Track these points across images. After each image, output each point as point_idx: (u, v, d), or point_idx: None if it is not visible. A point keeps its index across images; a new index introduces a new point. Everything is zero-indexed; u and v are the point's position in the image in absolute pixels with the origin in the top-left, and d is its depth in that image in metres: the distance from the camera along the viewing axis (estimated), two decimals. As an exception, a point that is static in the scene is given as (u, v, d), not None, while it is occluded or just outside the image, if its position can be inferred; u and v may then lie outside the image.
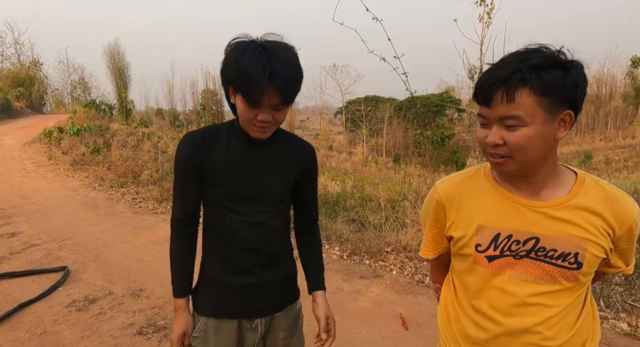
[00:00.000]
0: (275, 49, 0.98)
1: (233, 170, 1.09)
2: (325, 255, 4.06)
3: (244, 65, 0.95)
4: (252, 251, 1.12)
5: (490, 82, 0.78)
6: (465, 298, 0.98)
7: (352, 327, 2.66)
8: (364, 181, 11.23)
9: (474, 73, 6.05)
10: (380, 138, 35.68)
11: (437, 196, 0.99)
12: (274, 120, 1.03)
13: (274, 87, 0.96)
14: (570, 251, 0.83)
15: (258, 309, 1.16)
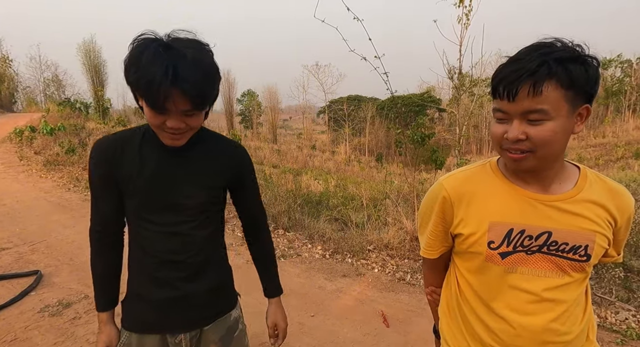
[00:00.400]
0: (181, 48, 0.86)
1: (147, 180, 1.00)
2: (307, 254, 4.06)
3: (143, 67, 0.84)
4: (173, 263, 1.05)
5: (516, 76, 0.75)
6: (476, 300, 0.94)
7: (334, 325, 2.67)
8: (347, 180, 11.29)
9: (453, 73, 6.17)
10: (362, 137, 35.94)
11: (445, 192, 0.94)
12: (186, 127, 0.94)
13: (179, 91, 0.85)
14: (581, 244, 0.84)
15: (182, 324, 1.10)
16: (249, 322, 2.67)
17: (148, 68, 0.84)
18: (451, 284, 1.03)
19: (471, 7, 5.50)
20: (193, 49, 0.88)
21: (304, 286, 3.30)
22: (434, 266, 1.09)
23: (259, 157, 18.45)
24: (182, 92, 0.86)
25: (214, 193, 1.09)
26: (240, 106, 45.98)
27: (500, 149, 0.84)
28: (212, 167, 1.07)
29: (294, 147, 28.05)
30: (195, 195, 1.04)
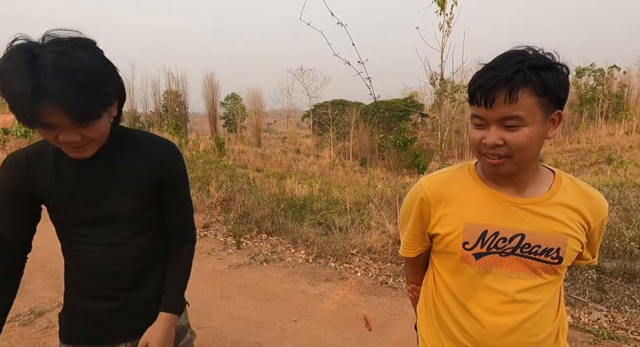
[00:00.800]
0: (50, 56, 0.74)
1: (67, 193, 0.94)
2: (290, 258, 4.04)
3: (8, 81, 0.74)
4: (110, 274, 0.99)
5: (493, 83, 0.77)
6: (451, 299, 0.96)
7: (317, 330, 2.66)
8: (331, 184, 11.32)
9: (435, 79, 6.29)
10: (347, 142, 36.15)
11: (423, 193, 0.96)
12: (84, 139, 0.84)
13: (49, 106, 0.74)
14: (553, 247, 0.86)
15: (123, 334, 1.05)
16: (231, 329, 2.64)
17: (11, 83, 0.74)
18: (429, 283, 1.05)
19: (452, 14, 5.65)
20: (66, 54, 0.75)
21: (286, 290, 3.27)
22: (415, 264, 1.12)
23: (243, 160, 18.31)
24: (54, 107, 0.75)
25: (145, 197, 1.00)
26: (223, 109, 45.59)
27: (478, 154, 0.86)
28: (138, 170, 0.99)
29: (278, 151, 27.97)
30: (125, 202, 0.97)
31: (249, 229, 4.87)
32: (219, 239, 4.62)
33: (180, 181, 1.08)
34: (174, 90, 36.18)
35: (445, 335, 0.98)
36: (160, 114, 35.98)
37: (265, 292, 3.24)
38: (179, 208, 1.10)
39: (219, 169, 8.83)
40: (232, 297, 3.15)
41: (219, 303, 3.03)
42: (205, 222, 5.15)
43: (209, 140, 21.46)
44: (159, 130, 24.08)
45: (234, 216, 5.28)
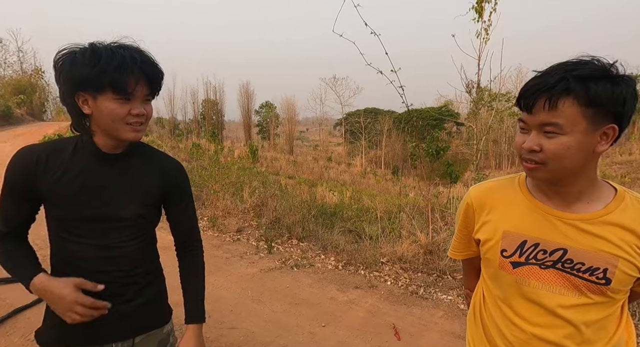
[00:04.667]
0: (127, 45, 0.94)
1: (75, 191, 0.97)
2: (320, 265, 4.07)
3: (106, 58, 0.89)
4: (102, 277, 1.01)
5: (534, 89, 0.78)
6: (494, 306, 0.98)
7: (346, 337, 2.67)
8: (362, 192, 11.27)
9: (471, 87, 6.16)
10: (379, 150, 35.90)
11: (469, 199, 1.02)
12: (144, 116, 0.98)
13: (144, 76, 0.93)
14: (599, 266, 0.82)
15: (111, 335, 1.05)
16: (261, 330, 2.70)
17: (113, 57, 0.89)
18: (478, 292, 1.07)
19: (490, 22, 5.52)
20: (143, 52, 0.96)
21: (316, 296, 3.31)
22: (466, 267, 1.21)
23: (275, 167, 18.64)
24: (146, 78, 0.95)
25: (150, 204, 1.06)
26: (258, 117, 46.72)
27: (520, 159, 0.87)
28: (148, 178, 1.06)
29: (310, 159, 28.23)
30: (129, 207, 1.02)
31: (280, 234, 4.96)
32: (251, 243, 4.74)
33: (189, 196, 1.18)
34: (212, 98, 37.56)
35: (490, 342, 0.98)
36: (198, 121, 37.42)
37: (295, 296, 3.29)
38: (189, 220, 1.19)
39: (252, 176, 9.05)
40: (263, 300, 3.23)
41: (250, 305, 3.11)
42: (238, 226, 5.30)
43: (244, 147, 22.06)
44: (196, 137, 25.00)
45: (266, 221, 5.40)
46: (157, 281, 1.15)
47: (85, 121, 0.98)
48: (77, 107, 0.94)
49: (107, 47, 0.92)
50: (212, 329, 2.72)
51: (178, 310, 1.21)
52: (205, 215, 5.80)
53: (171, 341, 1.19)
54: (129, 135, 0.97)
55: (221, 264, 4.02)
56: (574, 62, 0.79)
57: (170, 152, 12.26)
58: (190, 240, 1.20)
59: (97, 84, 0.90)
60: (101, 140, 1.00)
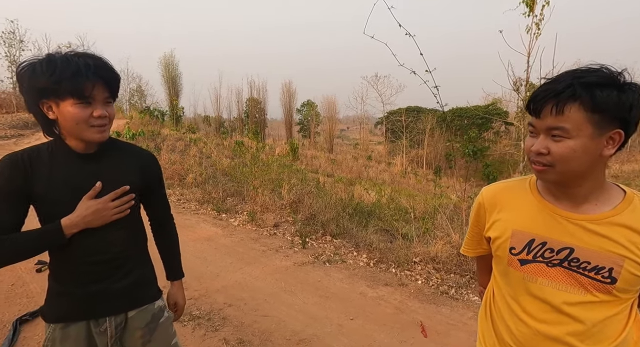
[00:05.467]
0: (84, 52, 1.03)
1: (61, 190, 1.06)
2: (352, 261, 4.17)
3: (62, 66, 0.97)
4: (95, 262, 1.12)
5: (543, 95, 0.84)
6: (502, 301, 1.02)
7: (372, 330, 2.75)
8: (401, 192, 11.16)
9: (519, 85, 5.90)
10: (421, 149, 35.05)
11: (481, 199, 1.07)
12: (108, 116, 1.06)
13: (100, 81, 1.02)
14: (605, 265, 0.85)
15: (106, 310, 1.16)
16: (292, 320, 2.85)
17: (69, 65, 0.97)
18: (489, 289, 1.13)
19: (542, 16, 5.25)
20: (100, 58, 1.05)
21: (345, 290, 3.41)
22: (479, 264, 1.29)
23: (315, 165, 18.88)
24: (103, 82, 1.03)
25: (130, 194, 1.15)
26: (299, 116, 47.37)
27: (529, 161, 0.91)
28: (125, 169, 1.17)
29: (350, 157, 28.21)
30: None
31: (314, 230, 5.11)
32: (287, 238, 4.93)
33: (162, 184, 1.36)
34: (255, 97, 38.66)
35: (498, 337, 1.04)
36: (242, 120, 38.68)
37: (326, 290, 3.41)
38: (163, 203, 1.39)
39: (292, 173, 9.31)
40: (295, 291, 3.38)
41: (283, 296, 3.28)
42: (275, 221, 5.52)
43: (284, 145, 22.54)
44: (240, 135, 25.90)
45: (301, 217, 5.57)
46: (144, 262, 1.28)
47: (55, 127, 1.07)
48: (43, 114, 1.03)
49: (63, 56, 1.00)
50: (247, 315, 2.91)
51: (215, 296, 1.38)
52: (245, 209, 6.09)
53: (166, 315, 1.30)
54: (94, 136, 1.05)
55: (258, 256, 4.24)
56: (582, 69, 0.84)
57: (215, 149, 12.87)
58: (165, 218, 1.42)
59: (56, 91, 0.98)
60: (72, 143, 1.09)
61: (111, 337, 1.17)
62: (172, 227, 1.43)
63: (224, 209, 6.25)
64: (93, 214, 1.06)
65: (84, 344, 1.14)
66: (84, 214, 1.05)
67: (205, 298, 3.18)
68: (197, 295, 3.24)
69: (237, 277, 3.62)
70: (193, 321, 2.82)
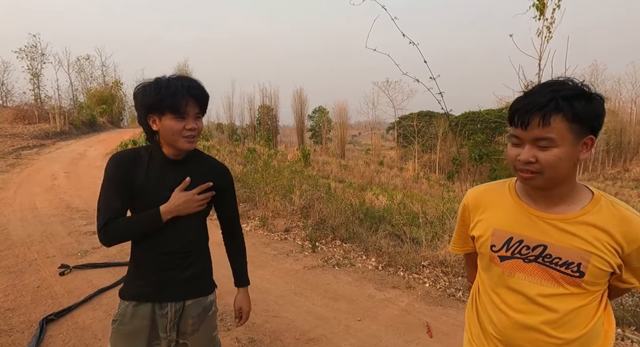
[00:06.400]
0: (182, 76, 1.26)
1: (154, 187, 1.28)
2: (361, 265, 4.25)
3: (165, 87, 1.20)
4: (168, 253, 1.33)
5: (528, 108, 0.90)
6: (485, 293, 1.12)
7: (379, 331, 2.82)
8: (413, 197, 11.16)
9: (530, 89, 5.89)
10: (433, 154, 34.86)
11: (466, 201, 1.18)
12: (198, 129, 1.28)
13: (193, 99, 1.23)
14: (574, 261, 0.94)
15: (170, 296, 1.35)
16: (301, 320, 2.94)
17: (169, 87, 1.20)
18: (475, 284, 1.22)
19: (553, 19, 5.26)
20: (191, 77, 1.28)
21: (354, 293, 3.49)
22: (468, 263, 1.37)
23: (326, 171, 18.99)
24: (195, 100, 1.24)
25: (211, 192, 1.37)
26: (311, 122, 47.68)
27: (514, 169, 0.98)
28: (205, 178, 1.36)
29: (361, 163, 28.25)
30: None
31: (324, 235, 5.20)
32: (297, 242, 5.04)
33: (234, 193, 1.52)
34: (267, 105, 39.14)
35: (482, 327, 1.14)
36: (255, 127, 39.17)
37: (335, 292, 3.50)
38: (234, 212, 1.54)
39: (303, 179, 9.43)
40: (305, 294, 3.48)
41: (293, 298, 3.38)
42: (286, 226, 5.64)
43: (296, 151, 22.75)
44: (252, 142, 26.24)
45: (312, 222, 5.68)
46: (205, 258, 1.47)
47: (155, 136, 1.31)
48: (149, 125, 1.28)
49: (167, 79, 1.24)
50: (258, 316, 3.03)
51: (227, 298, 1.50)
52: (257, 215, 6.23)
53: (213, 309, 1.48)
54: (184, 145, 1.28)
55: (269, 260, 4.36)
56: (556, 82, 0.93)
57: (228, 156, 13.12)
58: (235, 228, 1.56)
59: (160, 107, 1.22)
60: (167, 150, 1.32)
61: (170, 321, 1.35)
62: (241, 236, 1.57)
63: (236, 215, 6.39)
64: (184, 203, 1.29)
65: (148, 322, 1.34)
66: (177, 202, 1.28)
67: (218, 300, 3.24)
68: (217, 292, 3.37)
69: (249, 280, 3.73)
70: (207, 321, 2.94)
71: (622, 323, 2.86)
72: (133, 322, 1.33)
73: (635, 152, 36.49)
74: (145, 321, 1.34)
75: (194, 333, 1.39)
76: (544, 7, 5.20)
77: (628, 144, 36.47)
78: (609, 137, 34.95)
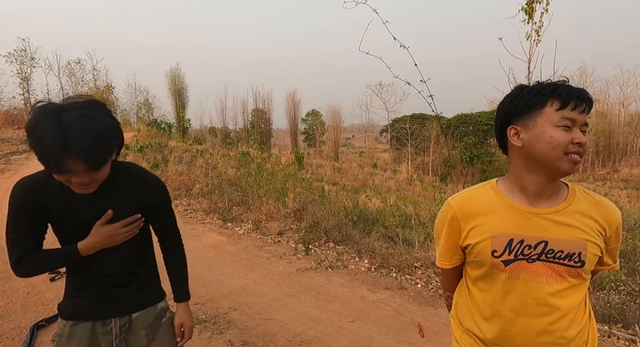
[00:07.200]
0: (71, 117, 0.95)
1: (73, 217, 1.14)
2: (354, 266, 4.27)
3: (39, 137, 0.94)
4: (104, 275, 1.23)
5: (585, 95, 0.94)
6: (484, 303, 1.06)
7: (371, 332, 2.85)
8: (406, 199, 11.22)
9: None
10: (426, 156, 35.05)
11: (452, 211, 1.09)
12: (91, 180, 1.04)
13: (73, 157, 0.95)
14: (575, 251, 0.96)
15: (111, 312, 1.27)
16: (294, 322, 2.96)
17: (43, 138, 0.93)
18: (464, 293, 1.17)
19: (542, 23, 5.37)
20: (84, 116, 0.97)
21: (346, 294, 3.51)
22: (451, 274, 1.25)
23: (320, 174, 18.97)
24: (76, 158, 0.96)
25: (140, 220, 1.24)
26: (304, 125, 47.73)
27: (561, 155, 0.94)
28: (131, 202, 1.22)
29: (355, 166, 28.30)
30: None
31: (318, 237, 5.22)
32: (290, 245, 5.05)
33: (168, 211, 1.37)
34: (260, 108, 39.12)
35: (477, 337, 1.09)
36: (248, 130, 39.11)
37: (327, 294, 3.52)
38: (172, 226, 1.41)
39: (297, 182, 9.45)
40: (298, 296, 3.49)
41: (286, 300, 3.39)
42: (279, 229, 5.64)
43: (290, 154, 22.74)
44: (245, 146, 26.18)
45: (305, 224, 5.69)
46: (149, 272, 1.37)
47: None
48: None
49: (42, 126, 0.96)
50: (251, 319, 3.03)
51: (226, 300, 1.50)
52: (250, 218, 6.23)
53: (168, 315, 1.40)
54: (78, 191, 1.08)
55: (262, 263, 4.36)
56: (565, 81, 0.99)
57: (221, 160, 13.09)
58: (172, 243, 1.44)
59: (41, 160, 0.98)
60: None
61: (116, 337, 1.27)
62: (178, 251, 1.45)
63: (229, 218, 6.39)
64: (105, 238, 1.17)
65: (87, 343, 1.25)
66: (97, 239, 1.16)
67: (211, 303, 3.31)
68: (203, 300, 3.37)
69: (242, 283, 3.74)
70: (199, 325, 2.94)
71: (609, 320, 2.92)
72: (70, 343, 1.24)
73: (624, 153, 37.11)
74: (83, 342, 1.24)
75: (150, 343, 1.33)
76: (533, 11, 5.31)
77: (617, 145, 37.06)
78: (598, 139, 35.52)
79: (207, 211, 6.98)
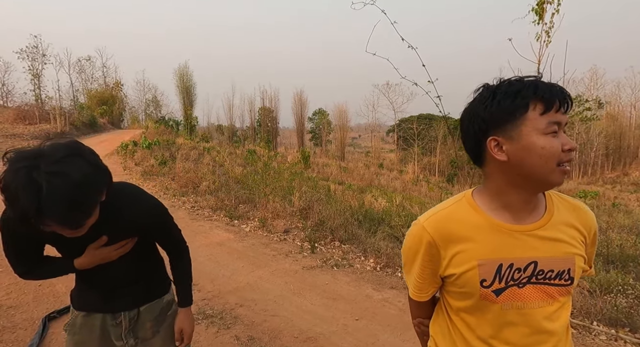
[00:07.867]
0: (46, 177, 0.87)
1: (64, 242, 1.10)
2: (359, 265, 4.29)
3: (11, 204, 0.89)
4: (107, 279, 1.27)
5: (563, 92, 0.81)
6: (474, 338, 0.92)
7: (376, 330, 2.87)
8: (412, 200, 11.21)
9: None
10: (433, 157, 34.94)
11: (428, 236, 0.91)
12: (79, 231, 1.00)
13: (49, 221, 0.90)
14: (564, 269, 0.86)
15: (119, 306, 1.32)
16: (299, 319, 2.98)
17: (17, 201, 0.87)
18: (443, 323, 1.01)
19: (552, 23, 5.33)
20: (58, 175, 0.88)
21: (352, 293, 3.54)
22: (426, 303, 1.06)
23: (326, 173, 19.01)
24: (54, 222, 0.91)
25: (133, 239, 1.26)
26: (311, 124, 47.81)
27: (554, 167, 0.81)
28: (124, 229, 1.22)
29: (361, 165, 28.31)
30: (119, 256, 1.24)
31: (324, 236, 5.25)
32: (296, 243, 5.08)
33: (166, 228, 1.35)
34: (267, 107, 39.28)
35: None
36: (254, 128, 39.29)
37: (333, 292, 3.54)
38: (173, 241, 1.42)
39: (303, 181, 9.50)
40: (303, 293, 3.52)
41: (292, 297, 3.42)
42: (285, 227, 5.68)
43: (296, 153, 22.82)
44: (252, 144, 26.28)
45: (311, 223, 5.72)
46: (155, 266, 1.43)
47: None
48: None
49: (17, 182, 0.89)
50: (257, 315, 3.07)
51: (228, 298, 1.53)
52: (256, 216, 6.28)
53: (173, 308, 1.45)
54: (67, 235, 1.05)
55: (268, 260, 4.40)
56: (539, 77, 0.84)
57: (228, 157, 13.18)
58: (175, 253, 1.44)
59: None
60: None
61: (125, 329, 1.32)
62: (183, 259, 1.45)
63: (236, 216, 6.45)
64: (100, 260, 1.21)
65: (97, 334, 1.30)
66: (91, 260, 1.20)
67: (218, 299, 3.35)
68: (210, 296, 3.41)
69: (248, 280, 3.78)
70: (206, 320, 2.98)
71: (617, 324, 2.91)
72: (82, 333, 1.29)
73: (635, 156, 36.60)
74: (95, 333, 1.29)
75: (155, 335, 1.37)
76: (543, 11, 5.27)
77: (627, 148, 36.60)
78: (609, 141, 35.12)
79: (214, 208, 7.04)
